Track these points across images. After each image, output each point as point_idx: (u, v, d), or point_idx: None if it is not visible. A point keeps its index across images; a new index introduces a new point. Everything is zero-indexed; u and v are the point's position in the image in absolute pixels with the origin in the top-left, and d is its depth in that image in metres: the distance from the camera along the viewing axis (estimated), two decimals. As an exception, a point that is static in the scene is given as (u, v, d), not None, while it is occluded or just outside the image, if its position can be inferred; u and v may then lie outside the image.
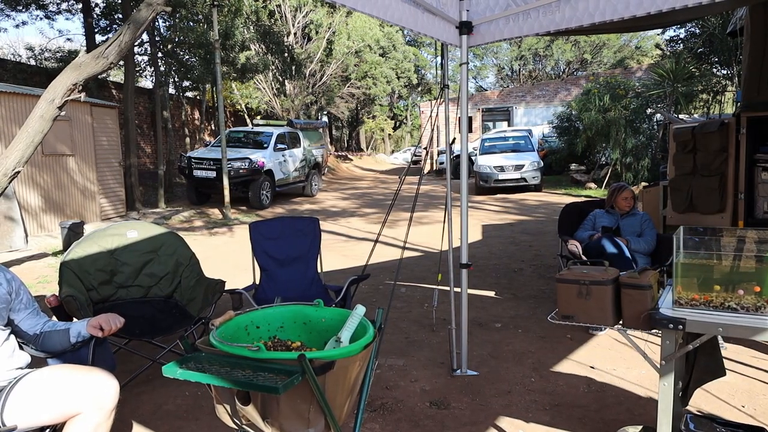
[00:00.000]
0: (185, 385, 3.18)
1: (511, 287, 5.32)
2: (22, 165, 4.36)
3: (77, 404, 1.84)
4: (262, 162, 12.08)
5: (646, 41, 28.27)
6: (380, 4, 2.58)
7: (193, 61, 14.19)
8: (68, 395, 1.85)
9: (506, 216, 10.46)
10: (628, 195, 4.31)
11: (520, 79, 32.24)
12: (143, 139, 16.07)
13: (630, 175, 13.31)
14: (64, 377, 1.91)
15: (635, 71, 22.05)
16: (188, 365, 1.29)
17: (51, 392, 1.87)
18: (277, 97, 20.85)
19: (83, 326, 2.15)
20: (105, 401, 1.86)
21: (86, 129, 9.80)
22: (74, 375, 1.92)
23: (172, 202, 12.71)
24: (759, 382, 3.09)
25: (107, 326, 2.12)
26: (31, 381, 1.92)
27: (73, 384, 1.88)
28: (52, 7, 14.83)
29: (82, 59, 4.39)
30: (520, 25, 2.96)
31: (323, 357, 1.30)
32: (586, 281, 1.96)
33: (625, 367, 3.34)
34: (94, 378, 1.90)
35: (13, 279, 2.14)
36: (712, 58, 13.23)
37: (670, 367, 1.86)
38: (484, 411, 2.86)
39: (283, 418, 1.28)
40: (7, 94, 8.20)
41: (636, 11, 2.50)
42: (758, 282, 1.76)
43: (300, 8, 20.28)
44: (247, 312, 1.62)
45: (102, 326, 2.12)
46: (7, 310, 2.08)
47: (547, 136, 19.68)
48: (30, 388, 1.89)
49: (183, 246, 3.86)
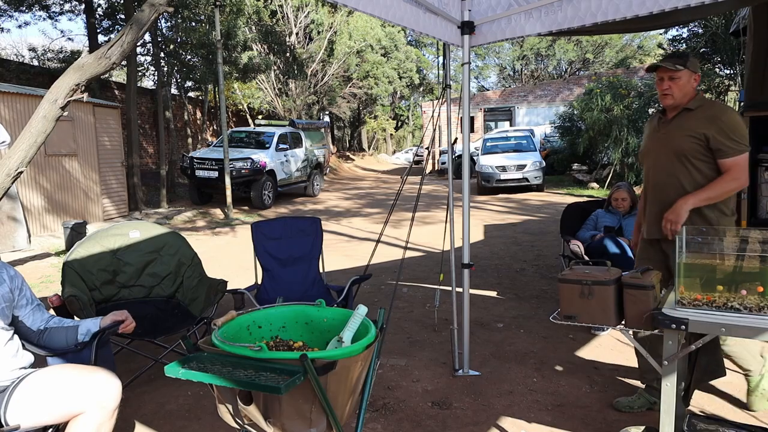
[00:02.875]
0: (187, 384, 3.18)
1: (513, 287, 5.31)
2: (25, 165, 4.38)
3: (80, 404, 1.85)
4: (264, 162, 12.09)
5: (649, 41, 28.22)
6: (382, 4, 2.58)
7: (196, 61, 14.22)
8: (71, 395, 1.86)
9: (508, 216, 10.45)
10: (620, 196, 4.30)
11: (522, 78, 32.21)
12: (146, 139, 16.10)
13: (632, 175, 13.29)
14: (67, 377, 1.91)
15: (637, 70, 22.00)
16: (190, 365, 1.29)
17: (53, 392, 1.87)
18: (279, 97, 20.87)
19: (95, 324, 2.16)
20: (107, 401, 1.87)
21: (89, 129, 9.82)
22: (77, 375, 1.92)
23: (174, 202, 12.73)
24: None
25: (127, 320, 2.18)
26: (34, 381, 1.92)
27: (76, 384, 1.88)
28: (54, 7, 14.86)
29: (84, 60, 4.39)
30: (522, 25, 2.96)
31: (325, 357, 1.30)
32: (588, 281, 1.96)
33: (628, 367, 3.34)
34: (96, 378, 1.90)
35: (16, 276, 2.15)
36: (715, 58, 13.19)
37: (672, 367, 1.85)
38: (486, 411, 2.85)
39: (285, 417, 1.28)
40: (10, 94, 8.22)
41: (638, 11, 2.50)
42: (761, 282, 1.75)
43: (302, 8, 20.29)
44: (249, 312, 1.62)
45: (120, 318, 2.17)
46: (11, 308, 2.09)
47: (549, 136, 19.66)
48: (33, 387, 1.90)
49: (185, 246, 3.87)
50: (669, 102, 2.47)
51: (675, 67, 2.39)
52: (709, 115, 2.40)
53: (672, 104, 2.47)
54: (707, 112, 2.41)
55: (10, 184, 4.34)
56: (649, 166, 2.63)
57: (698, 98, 2.47)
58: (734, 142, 2.37)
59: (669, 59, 2.46)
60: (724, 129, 2.37)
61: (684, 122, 2.46)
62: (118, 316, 2.18)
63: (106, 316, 2.19)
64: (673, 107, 2.49)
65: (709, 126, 2.37)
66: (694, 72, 2.44)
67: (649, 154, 2.63)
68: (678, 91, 2.44)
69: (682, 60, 2.42)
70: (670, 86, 2.43)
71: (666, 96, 2.46)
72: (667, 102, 2.48)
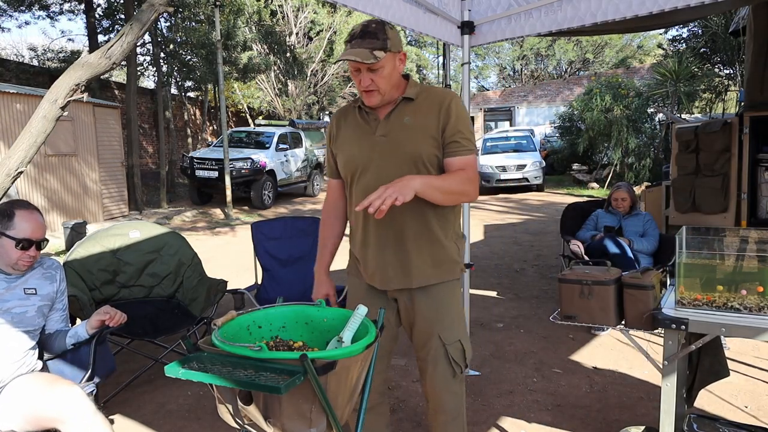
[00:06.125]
0: (187, 384, 3.18)
1: (513, 287, 5.31)
2: (25, 165, 4.37)
3: (50, 420, 1.84)
4: (264, 162, 12.09)
5: (649, 41, 28.20)
6: (382, 4, 2.58)
7: (196, 61, 14.21)
8: (40, 410, 1.85)
9: (508, 216, 10.44)
10: (619, 196, 4.30)
11: (522, 78, 32.20)
12: (146, 139, 16.10)
13: (632, 174, 13.29)
14: (34, 392, 1.90)
15: (637, 71, 22.00)
16: (190, 365, 1.29)
17: (25, 404, 1.88)
18: (279, 97, 20.86)
19: (82, 328, 2.17)
20: (77, 410, 1.84)
21: (89, 129, 9.82)
22: (41, 390, 1.90)
23: (174, 202, 12.73)
24: (762, 382, 3.09)
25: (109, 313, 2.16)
26: (13, 389, 1.94)
27: (42, 399, 1.86)
28: (54, 7, 14.87)
29: (84, 59, 4.39)
30: (522, 25, 2.96)
31: (325, 357, 1.30)
32: (588, 281, 1.96)
33: (628, 367, 3.34)
34: (59, 391, 1.87)
35: (62, 280, 2.23)
36: (715, 58, 13.20)
37: (672, 367, 1.85)
38: (486, 411, 2.85)
39: (285, 418, 1.28)
40: (9, 94, 8.22)
41: (638, 11, 2.50)
42: (761, 282, 1.75)
43: (302, 8, 20.29)
44: (249, 312, 1.62)
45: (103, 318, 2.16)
46: (49, 308, 2.17)
47: (549, 135, 19.66)
48: (9, 395, 1.93)
49: (185, 246, 3.87)
50: (376, 100, 1.79)
51: (376, 58, 1.69)
52: (437, 102, 1.81)
53: (380, 102, 1.80)
54: (434, 99, 1.82)
55: (10, 184, 4.34)
56: (367, 184, 1.82)
57: (412, 83, 1.86)
58: (470, 134, 1.83)
59: (361, 45, 1.70)
60: (460, 120, 1.81)
61: (411, 117, 1.80)
62: (102, 316, 2.16)
63: (90, 320, 2.18)
64: (384, 103, 1.82)
65: (444, 117, 1.78)
66: (398, 51, 1.76)
67: (366, 166, 1.83)
68: (385, 83, 1.76)
69: (380, 42, 1.70)
70: (372, 80, 1.74)
71: (371, 94, 1.77)
72: (373, 101, 1.79)
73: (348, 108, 1.94)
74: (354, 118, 1.90)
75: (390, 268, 1.86)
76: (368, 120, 1.86)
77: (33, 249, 2.04)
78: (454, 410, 1.98)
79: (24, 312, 2.04)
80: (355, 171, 1.86)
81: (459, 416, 2.00)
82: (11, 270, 2.05)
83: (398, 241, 1.84)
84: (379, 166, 1.81)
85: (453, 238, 1.91)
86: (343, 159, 1.90)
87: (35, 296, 2.09)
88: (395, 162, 1.79)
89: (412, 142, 1.79)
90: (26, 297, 2.07)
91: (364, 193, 1.77)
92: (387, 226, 1.83)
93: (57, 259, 2.84)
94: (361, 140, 1.85)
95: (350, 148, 1.88)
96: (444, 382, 1.92)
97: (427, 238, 1.84)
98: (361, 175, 1.84)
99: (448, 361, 1.90)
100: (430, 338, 1.89)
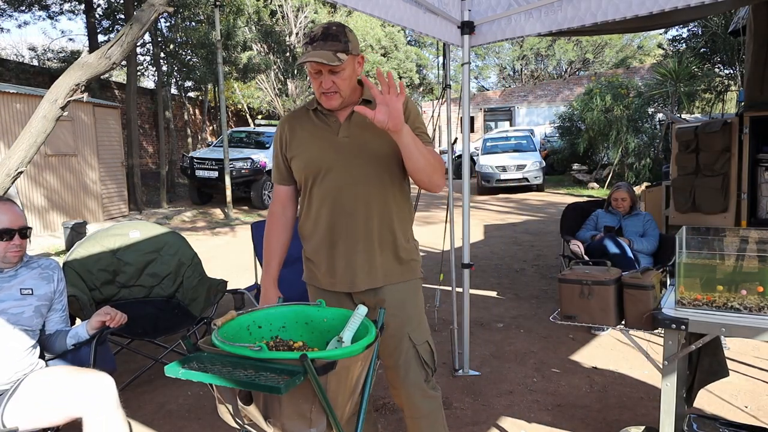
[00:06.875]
0: (187, 384, 3.18)
1: (513, 287, 5.31)
2: (25, 165, 4.37)
3: (75, 406, 1.85)
4: (264, 162, 12.09)
5: (649, 41, 28.20)
6: (381, 4, 2.58)
7: (195, 61, 14.21)
8: (65, 398, 1.87)
9: (508, 216, 10.45)
10: (619, 196, 4.31)
11: (522, 78, 32.20)
12: (145, 139, 16.10)
13: (632, 174, 13.30)
14: (60, 380, 1.92)
15: (637, 71, 22.00)
16: (190, 365, 1.29)
17: (48, 394, 1.89)
18: (279, 97, 20.86)
19: (82, 328, 2.17)
20: (103, 399, 1.87)
21: (89, 129, 9.82)
22: (68, 377, 1.93)
23: (174, 202, 12.73)
24: (762, 382, 3.09)
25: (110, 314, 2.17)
26: (30, 383, 1.94)
27: (70, 386, 1.88)
28: (54, 7, 14.87)
29: (84, 59, 4.39)
30: (522, 25, 2.96)
31: (325, 357, 1.30)
32: (588, 281, 1.96)
33: (628, 367, 3.34)
34: (87, 378, 1.91)
35: (61, 281, 2.23)
36: (715, 58, 13.20)
37: (672, 367, 1.86)
38: (486, 411, 2.85)
39: (285, 418, 1.28)
40: (9, 94, 8.22)
41: (638, 11, 2.50)
42: (761, 282, 1.75)
43: (302, 8, 20.30)
44: (249, 312, 1.62)
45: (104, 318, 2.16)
46: (47, 308, 2.16)
47: (549, 135, 19.66)
48: (29, 390, 1.92)
49: (185, 246, 3.87)
50: (336, 103, 1.77)
51: (339, 60, 1.68)
52: None
53: (340, 104, 1.79)
54: None
55: (10, 184, 4.34)
56: (331, 185, 1.82)
57: (367, 87, 1.81)
58: (426, 130, 1.85)
59: (324, 48, 1.69)
60: (418, 117, 1.83)
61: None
62: (102, 317, 2.16)
63: (90, 320, 2.19)
64: (344, 105, 1.82)
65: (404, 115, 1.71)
66: (357, 54, 1.78)
67: (330, 167, 1.81)
68: (346, 86, 1.76)
69: (342, 45, 1.71)
70: (334, 83, 1.73)
71: (331, 96, 1.76)
72: (333, 103, 1.77)
73: (300, 112, 1.92)
74: (310, 122, 1.87)
75: (359, 269, 1.85)
76: (328, 122, 1.84)
77: (17, 238, 2.03)
78: (432, 414, 1.97)
79: (21, 312, 2.04)
80: (318, 172, 1.83)
81: (439, 419, 1.99)
82: (3, 264, 2.05)
83: (367, 240, 1.83)
84: (344, 166, 1.80)
85: (411, 240, 1.95)
86: (301, 162, 1.86)
87: (32, 296, 2.09)
88: (360, 162, 1.80)
89: (376, 142, 1.78)
90: (22, 297, 2.07)
91: (328, 194, 1.81)
92: (357, 224, 1.82)
93: (57, 259, 2.84)
94: (322, 142, 1.83)
95: (309, 150, 1.84)
96: (417, 387, 1.92)
97: (391, 239, 1.86)
98: (325, 175, 1.82)
99: (419, 363, 1.90)
100: (400, 341, 1.88)
